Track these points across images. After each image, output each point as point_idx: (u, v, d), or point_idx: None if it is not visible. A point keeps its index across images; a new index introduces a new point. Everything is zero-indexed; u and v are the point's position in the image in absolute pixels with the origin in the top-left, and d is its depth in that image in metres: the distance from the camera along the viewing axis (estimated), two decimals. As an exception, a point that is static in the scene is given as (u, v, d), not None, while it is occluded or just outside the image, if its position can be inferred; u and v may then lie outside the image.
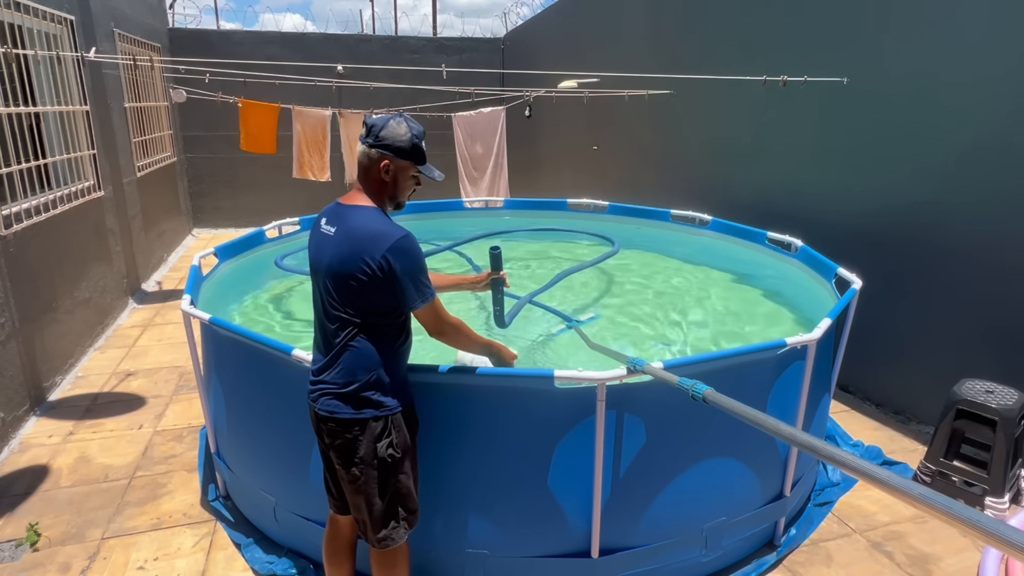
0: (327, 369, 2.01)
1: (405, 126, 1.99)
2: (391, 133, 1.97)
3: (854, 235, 4.28)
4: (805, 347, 2.59)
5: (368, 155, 2.00)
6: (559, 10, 9.34)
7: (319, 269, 2.01)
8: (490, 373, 2.28)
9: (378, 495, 2.03)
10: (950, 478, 3.21)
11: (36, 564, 2.80)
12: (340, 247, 1.92)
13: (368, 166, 2.01)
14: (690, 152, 6.28)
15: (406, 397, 2.07)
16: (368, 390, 1.97)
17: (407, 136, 1.98)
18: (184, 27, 10.21)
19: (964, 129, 3.57)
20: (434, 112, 7.77)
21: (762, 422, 1.56)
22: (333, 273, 1.94)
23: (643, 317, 4.11)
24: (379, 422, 1.99)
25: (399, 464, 2.04)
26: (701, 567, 2.66)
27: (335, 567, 2.30)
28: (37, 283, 4.39)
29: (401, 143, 1.98)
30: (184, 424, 4.04)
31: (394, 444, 2.01)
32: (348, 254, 1.90)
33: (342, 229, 1.94)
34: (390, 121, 1.99)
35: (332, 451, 2.05)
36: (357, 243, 1.90)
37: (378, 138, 1.98)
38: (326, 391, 2.00)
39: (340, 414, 1.98)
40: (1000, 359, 3.45)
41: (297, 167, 7.50)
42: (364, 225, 1.92)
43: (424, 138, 2.04)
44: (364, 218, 1.95)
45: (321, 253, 1.99)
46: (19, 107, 4.45)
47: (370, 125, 1.99)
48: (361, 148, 2.02)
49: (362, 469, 2.00)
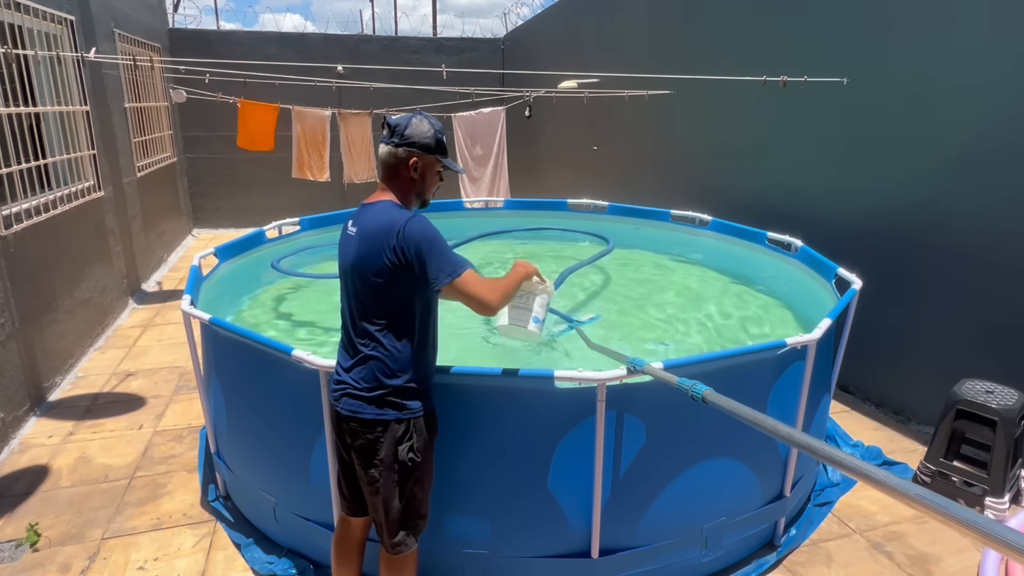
0: (352, 370, 2.02)
1: (427, 123, 2.05)
2: (416, 131, 2.01)
3: (854, 235, 4.28)
4: (805, 347, 2.59)
5: (395, 155, 2.02)
6: (559, 10, 9.35)
7: (345, 270, 2.03)
8: (490, 373, 2.28)
9: (397, 498, 2.03)
10: (950, 478, 3.21)
11: (36, 564, 2.80)
12: (360, 245, 1.95)
13: (395, 165, 2.03)
14: (690, 152, 6.28)
15: (429, 401, 2.08)
16: (392, 393, 1.98)
17: (431, 132, 2.04)
18: (184, 27, 10.21)
19: (964, 130, 3.57)
20: (434, 112, 7.75)
21: (761, 422, 1.56)
22: (357, 272, 1.97)
23: (643, 317, 4.11)
24: (401, 424, 1.99)
25: (418, 468, 2.04)
26: (701, 567, 2.66)
27: (343, 568, 2.30)
28: (37, 283, 4.39)
29: (427, 139, 2.03)
30: (184, 424, 4.04)
31: (415, 448, 2.01)
32: (367, 251, 1.93)
33: (361, 228, 1.98)
34: (412, 119, 2.03)
35: (353, 451, 2.05)
36: (373, 238, 1.92)
37: (404, 136, 2.01)
38: (349, 391, 2.01)
39: (363, 414, 1.98)
40: (1000, 359, 3.45)
41: (296, 167, 7.50)
42: (378, 219, 1.95)
43: (444, 132, 2.10)
44: (378, 213, 1.97)
45: (346, 254, 2.01)
46: (19, 107, 4.45)
47: (393, 125, 2.02)
48: (386, 149, 2.04)
49: (381, 471, 2.01)
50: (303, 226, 4.94)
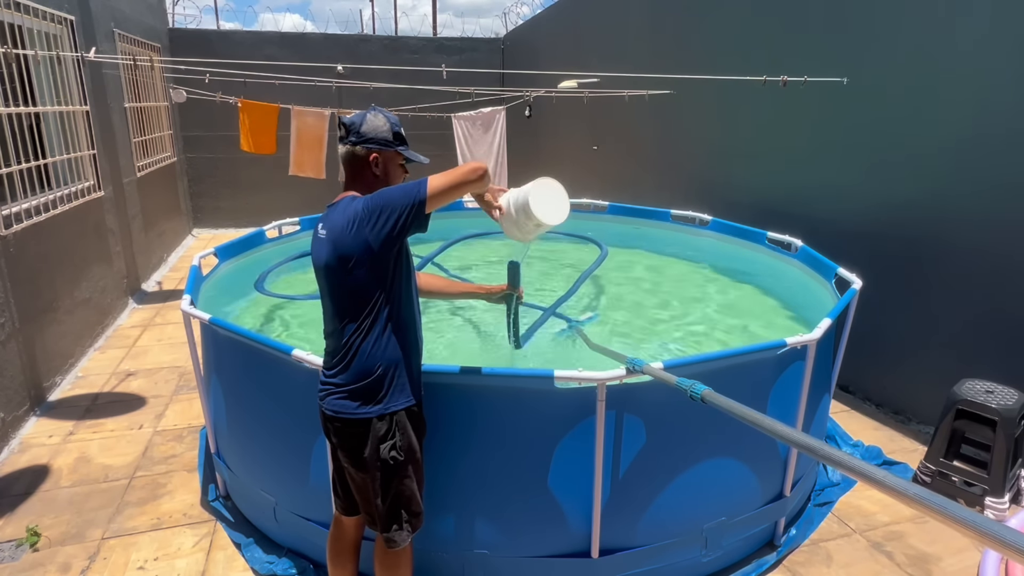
0: (333, 369, 2.02)
1: (383, 117, 2.02)
2: (372, 126, 2.00)
3: (854, 235, 4.28)
4: (805, 347, 2.59)
5: (355, 153, 2.01)
6: (559, 10, 9.34)
7: (319, 272, 2.02)
8: (490, 373, 2.28)
9: (380, 496, 2.03)
10: (950, 478, 3.21)
11: (36, 564, 2.80)
12: (330, 245, 1.93)
13: (357, 164, 2.02)
14: (690, 152, 6.28)
15: (413, 398, 2.06)
16: (372, 391, 1.97)
17: (387, 126, 2.02)
18: (184, 27, 10.21)
19: (964, 130, 3.56)
20: (434, 112, 7.76)
21: (759, 422, 1.55)
22: (331, 271, 1.95)
23: (643, 317, 4.11)
24: (383, 422, 1.99)
25: (402, 467, 2.03)
26: (701, 567, 2.66)
27: (339, 568, 2.31)
28: (37, 283, 4.39)
29: (384, 133, 2.01)
30: (184, 424, 4.04)
31: (398, 447, 2.01)
32: (337, 248, 1.91)
33: (329, 229, 1.96)
34: (367, 115, 2.01)
35: (339, 450, 2.06)
36: (338, 231, 1.91)
37: (361, 134, 1.99)
38: (332, 391, 2.01)
39: (345, 413, 1.99)
40: (1000, 359, 3.45)
41: (293, 165, 7.48)
42: (344, 213, 1.93)
43: (401, 125, 2.07)
44: (342, 209, 1.95)
45: (319, 256, 2.00)
46: (19, 107, 4.45)
47: (348, 124, 2.00)
48: (345, 149, 2.02)
49: (366, 469, 2.01)
50: (303, 226, 4.94)
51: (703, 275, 4.85)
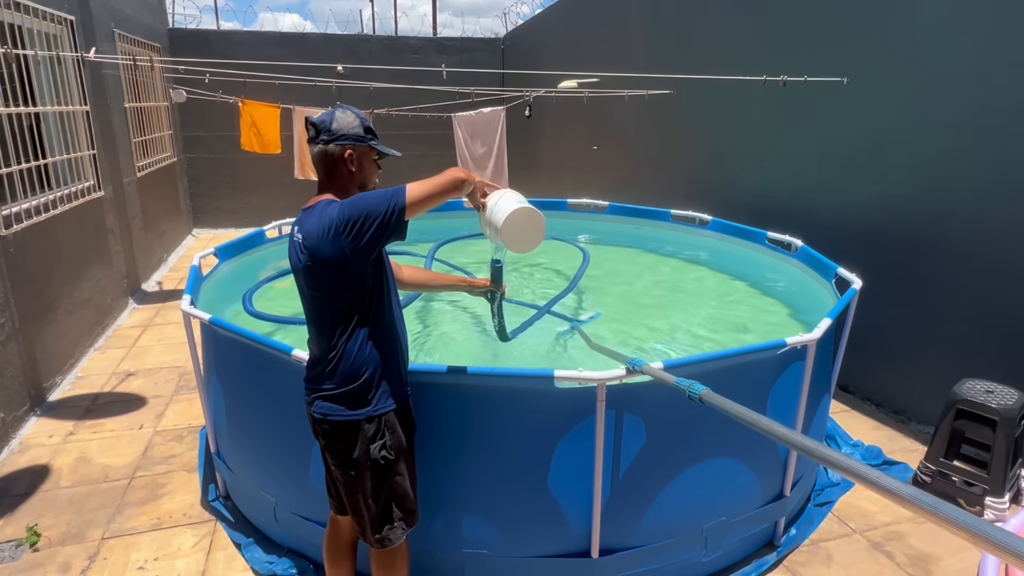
0: (319, 371, 2.01)
1: (351, 113, 2.02)
2: (343, 123, 1.99)
3: (854, 235, 4.28)
4: (805, 347, 2.59)
5: (328, 152, 1.99)
6: (559, 10, 9.34)
7: (298, 275, 2.01)
8: (490, 373, 2.28)
9: (372, 497, 2.03)
10: (950, 478, 3.21)
11: (36, 564, 2.80)
12: (306, 249, 1.91)
13: (331, 163, 2.01)
14: (690, 152, 6.28)
15: (400, 398, 2.06)
16: (359, 392, 1.97)
17: (357, 121, 2.01)
18: (184, 27, 10.21)
19: (964, 130, 3.56)
20: (434, 112, 7.76)
21: (757, 422, 1.55)
22: (309, 274, 1.94)
23: (643, 318, 4.11)
24: (372, 423, 1.98)
25: (393, 466, 2.03)
26: (701, 567, 2.66)
27: (335, 567, 2.31)
28: (37, 283, 4.39)
29: (355, 129, 2.00)
30: (184, 424, 4.04)
31: (388, 446, 2.01)
32: (311, 252, 1.89)
33: (305, 233, 1.93)
34: (336, 113, 2.01)
35: (327, 452, 2.06)
36: (314, 238, 1.88)
37: (332, 132, 1.98)
38: (319, 394, 2.01)
39: (333, 416, 1.98)
40: (1000, 359, 3.45)
41: (299, 168, 7.48)
42: (319, 218, 1.90)
43: (369, 120, 2.07)
44: (317, 213, 1.92)
45: (297, 260, 1.98)
46: (19, 107, 4.45)
47: (318, 123, 1.99)
48: (317, 149, 2.00)
49: (356, 471, 2.00)
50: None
51: (703, 275, 4.85)
